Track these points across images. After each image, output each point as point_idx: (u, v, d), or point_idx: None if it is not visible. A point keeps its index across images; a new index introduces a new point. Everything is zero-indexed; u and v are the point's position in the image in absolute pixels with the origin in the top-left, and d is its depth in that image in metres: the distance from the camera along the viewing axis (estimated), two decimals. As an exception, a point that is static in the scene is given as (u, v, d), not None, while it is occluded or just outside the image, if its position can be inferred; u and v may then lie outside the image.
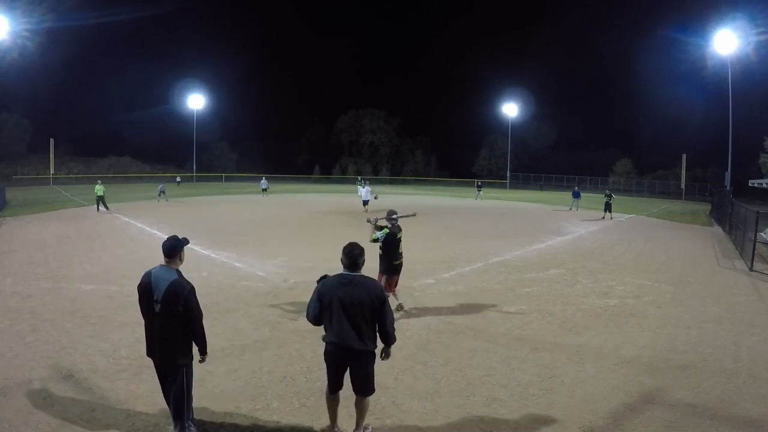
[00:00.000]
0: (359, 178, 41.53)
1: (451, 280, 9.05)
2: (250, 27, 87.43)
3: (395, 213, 6.77)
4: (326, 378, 3.61)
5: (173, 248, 3.48)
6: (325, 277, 3.59)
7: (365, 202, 22.84)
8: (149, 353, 3.50)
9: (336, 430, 3.71)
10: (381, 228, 6.59)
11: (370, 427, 3.80)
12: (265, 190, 32.75)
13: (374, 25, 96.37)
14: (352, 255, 3.49)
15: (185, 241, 3.60)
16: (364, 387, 3.53)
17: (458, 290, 8.29)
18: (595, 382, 4.78)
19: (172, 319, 3.33)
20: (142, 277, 3.47)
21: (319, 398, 4.15)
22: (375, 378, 3.56)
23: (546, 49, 73.62)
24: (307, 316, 3.55)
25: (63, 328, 5.98)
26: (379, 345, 3.58)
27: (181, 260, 3.54)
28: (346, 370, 3.51)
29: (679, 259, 11.95)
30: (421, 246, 12.32)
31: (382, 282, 6.50)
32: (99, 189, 20.33)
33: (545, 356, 5.40)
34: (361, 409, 3.62)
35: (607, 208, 21.67)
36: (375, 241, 6.46)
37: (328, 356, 3.51)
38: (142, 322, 3.48)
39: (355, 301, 3.35)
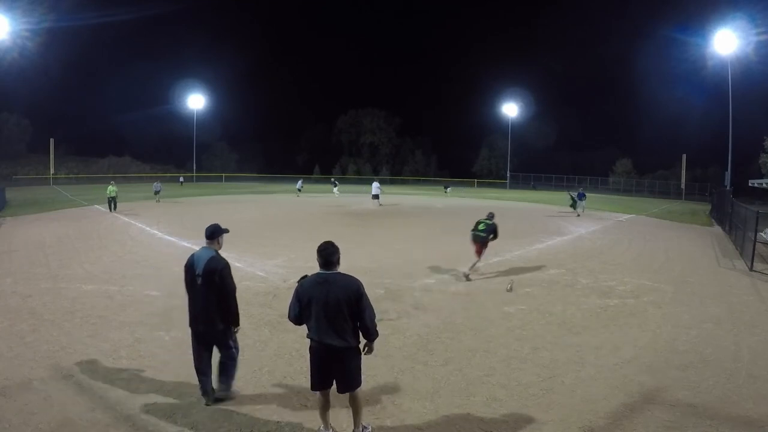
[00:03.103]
0: (333, 179, 41.56)
1: (451, 280, 9.05)
2: (250, 27, 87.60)
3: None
4: None
5: (214, 232, 4.23)
6: (305, 277, 3.62)
7: (376, 197, 25.32)
8: (191, 323, 4.11)
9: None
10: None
11: (370, 426, 3.80)
12: (299, 190, 33.66)
13: (374, 25, 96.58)
14: (326, 253, 3.51)
15: (226, 230, 4.32)
16: (349, 382, 3.54)
17: (458, 290, 8.29)
18: (595, 382, 4.78)
19: (211, 289, 4.01)
20: (188, 258, 4.18)
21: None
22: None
23: (546, 49, 73.81)
24: (289, 317, 3.61)
25: (63, 328, 5.97)
26: (363, 340, 3.59)
27: (219, 244, 4.26)
28: (329, 366, 3.51)
29: (679, 259, 11.94)
30: (420, 246, 12.33)
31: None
32: (112, 190, 19.98)
33: (545, 356, 5.40)
34: (355, 406, 3.63)
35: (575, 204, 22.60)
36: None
37: (312, 352, 3.55)
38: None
39: (331, 299, 3.38)
